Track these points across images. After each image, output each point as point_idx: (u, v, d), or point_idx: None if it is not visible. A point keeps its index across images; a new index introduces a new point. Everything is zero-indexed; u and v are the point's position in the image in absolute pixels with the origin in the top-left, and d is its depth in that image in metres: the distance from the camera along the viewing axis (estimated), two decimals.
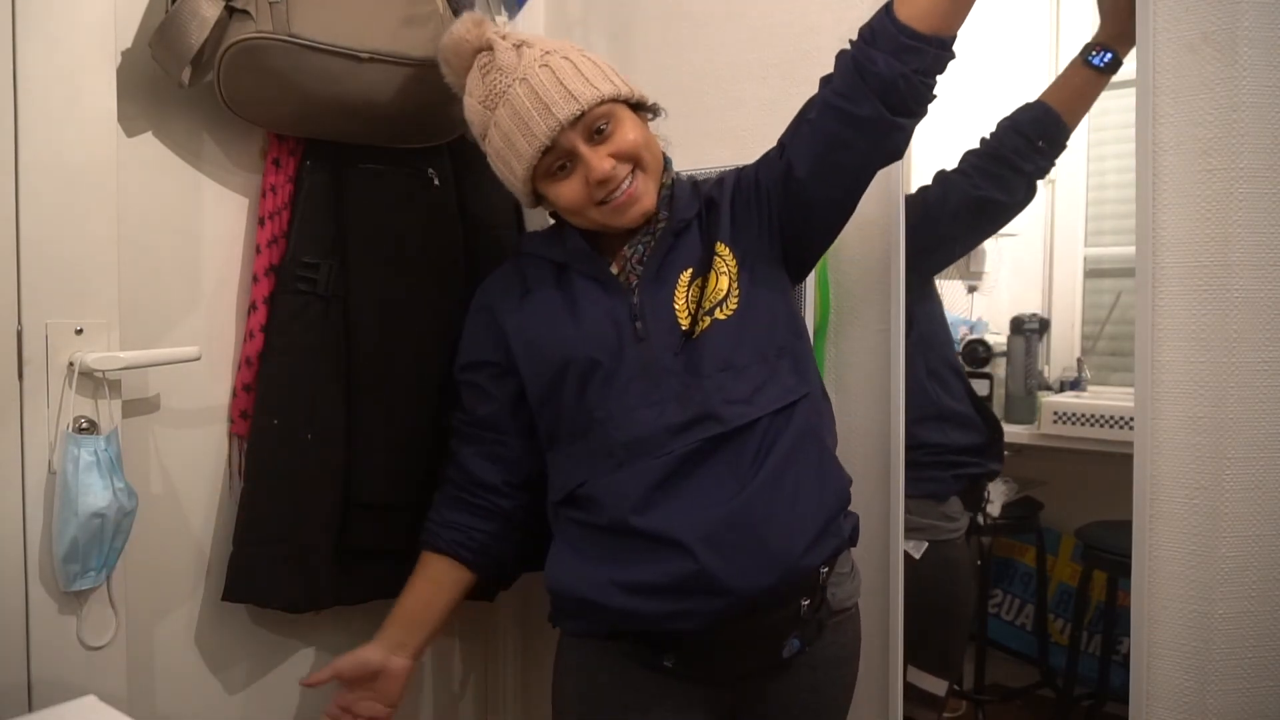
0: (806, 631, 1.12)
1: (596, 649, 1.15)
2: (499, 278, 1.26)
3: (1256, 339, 1.13)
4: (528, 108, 1.07)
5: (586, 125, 1.08)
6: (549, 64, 1.09)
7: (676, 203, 1.17)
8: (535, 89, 1.07)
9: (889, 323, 1.41)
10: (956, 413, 1.61)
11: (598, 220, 1.13)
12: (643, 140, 1.12)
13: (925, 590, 1.45)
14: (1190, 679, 1.18)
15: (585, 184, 1.09)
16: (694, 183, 1.22)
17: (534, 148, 1.08)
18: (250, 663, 1.40)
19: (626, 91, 1.12)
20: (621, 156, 1.09)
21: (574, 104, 1.06)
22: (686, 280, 1.13)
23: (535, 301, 1.18)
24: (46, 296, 1.06)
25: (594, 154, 1.08)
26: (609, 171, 1.08)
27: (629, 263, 1.15)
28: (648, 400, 1.08)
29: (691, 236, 1.16)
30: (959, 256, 1.72)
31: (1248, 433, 1.14)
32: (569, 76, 1.08)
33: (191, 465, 1.31)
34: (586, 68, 1.10)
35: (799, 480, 1.08)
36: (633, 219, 1.12)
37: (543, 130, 1.07)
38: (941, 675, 1.58)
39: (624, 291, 1.13)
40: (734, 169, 1.23)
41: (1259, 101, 1.11)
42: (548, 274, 1.18)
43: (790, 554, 1.05)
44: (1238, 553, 1.15)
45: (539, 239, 1.24)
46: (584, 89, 1.07)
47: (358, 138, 1.34)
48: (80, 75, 1.09)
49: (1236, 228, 1.13)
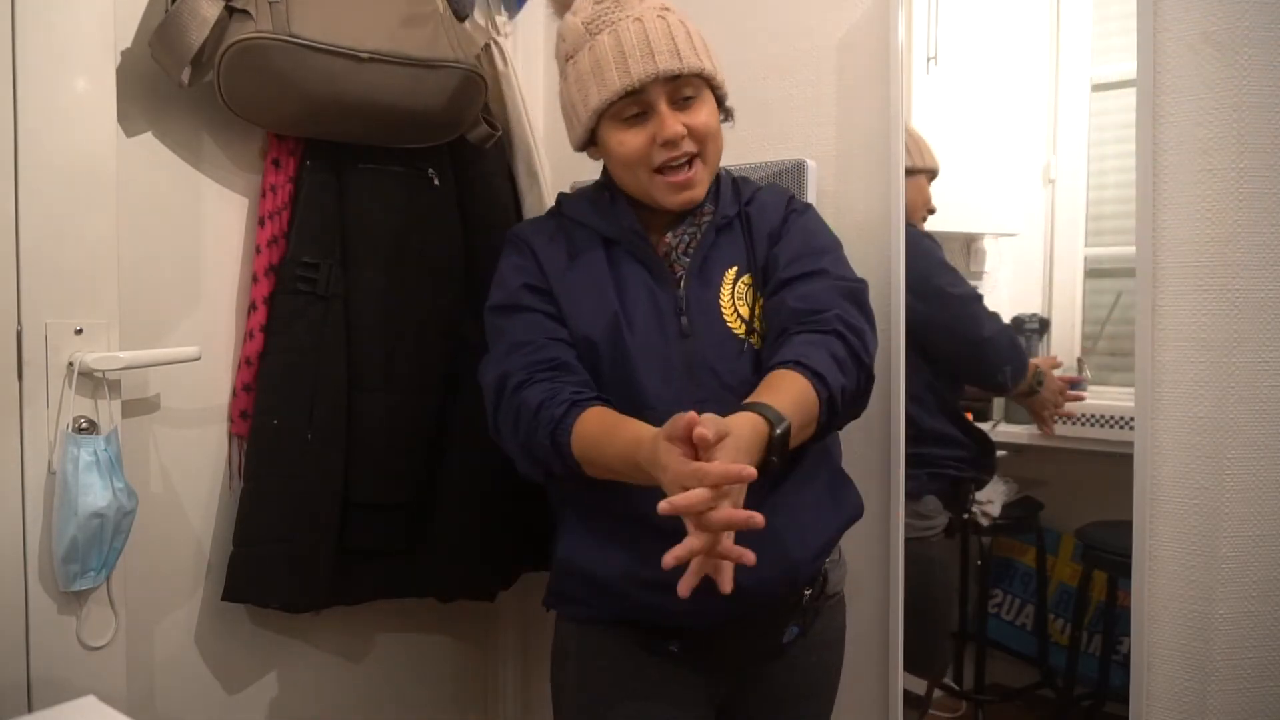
0: (805, 618, 1.15)
1: (596, 635, 1.15)
2: (539, 226, 1.21)
3: (1257, 339, 1.13)
4: (633, 45, 1.07)
5: (677, 88, 1.09)
6: (666, 18, 1.10)
7: (721, 199, 1.18)
8: (646, 32, 1.08)
9: (889, 322, 1.41)
10: (935, 432, 1.62)
11: (644, 186, 1.12)
12: (715, 128, 1.13)
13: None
14: (1190, 679, 1.18)
15: (650, 141, 1.09)
16: (733, 180, 1.22)
17: (623, 84, 1.07)
18: (250, 663, 1.40)
19: (720, 79, 1.14)
20: (694, 133, 1.10)
21: (677, 61, 1.07)
22: (731, 278, 1.14)
23: (582, 271, 1.15)
24: (46, 296, 1.06)
25: (672, 115, 1.08)
26: (680, 132, 1.08)
27: (674, 251, 1.15)
28: (693, 397, 1.07)
29: (734, 235, 1.17)
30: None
31: (1248, 433, 1.14)
32: (681, 37, 1.09)
33: (191, 465, 1.31)
34: (697, 39, 1.11)
35: (815, 493, 1.11)
36: (679, 203, 1.12)
37: (639, 71, 1.06)
38: (921, 674, 1.58)
39: (670, 282, 1.13)
40: (783, 196, 1.21)
41: (1260, 101, 1.11)
42: (596, 245, 1.16)
43: (804, 560, 1.09)
44: (1238, 553, 1.15)
45: (585, 205, 1.20)
46: (690, 54, 1.09)
47: (358, 138, 1.34)
48: (80, 75, 1.09)
49: (1237, 227, 1.13)
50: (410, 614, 1.60)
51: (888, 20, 1.40)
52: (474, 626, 1.75)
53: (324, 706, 1.50)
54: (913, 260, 1.43)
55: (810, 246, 1.15)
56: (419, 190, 1.42)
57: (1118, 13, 1.60)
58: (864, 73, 1.44)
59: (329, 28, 1.22)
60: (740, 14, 1.55)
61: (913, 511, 1.55)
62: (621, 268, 1.14)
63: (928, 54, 1.55)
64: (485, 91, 1.40)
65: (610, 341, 1.09)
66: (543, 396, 1.05)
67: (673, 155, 1.09)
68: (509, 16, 1.67)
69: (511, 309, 1.13)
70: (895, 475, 1.42)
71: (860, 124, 1.44)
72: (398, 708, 1.62)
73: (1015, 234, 1.76)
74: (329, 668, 1.51)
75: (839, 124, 1.47)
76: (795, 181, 1.45)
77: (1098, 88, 1.67)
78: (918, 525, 1.57)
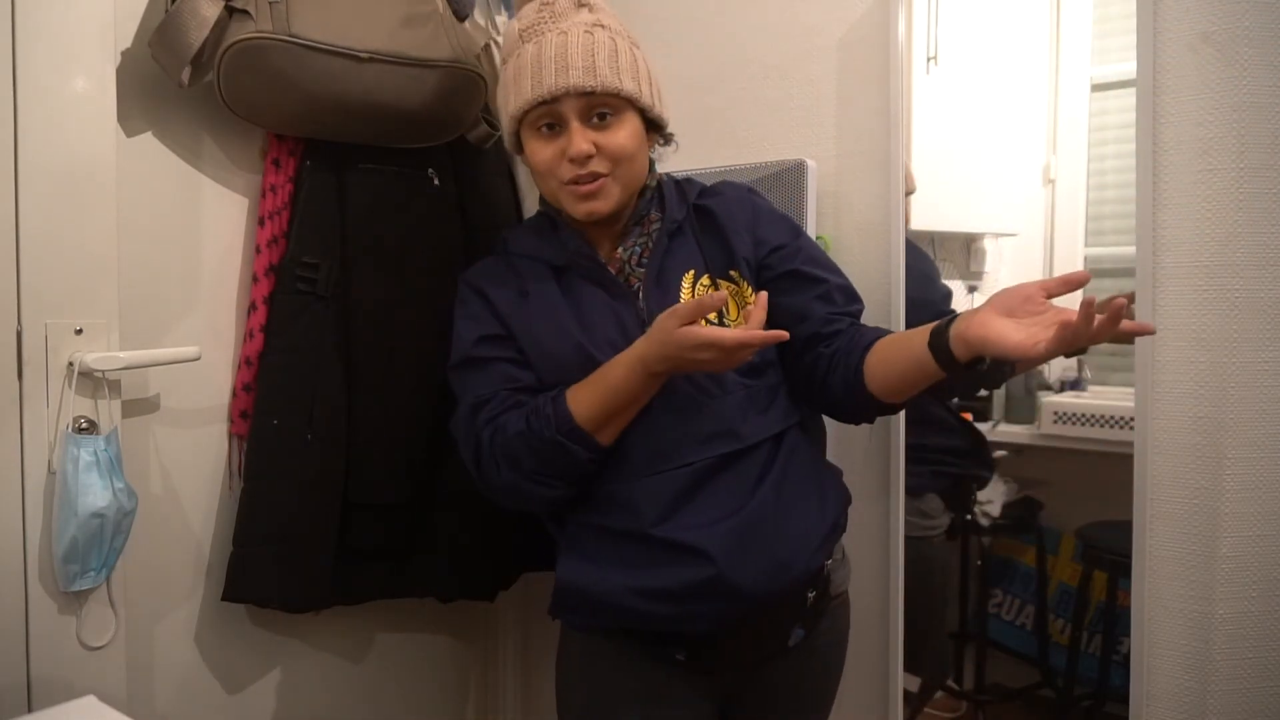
0: (809, 620, 1.15)
1: (600, 642, 1.16)
2: (488, 269, 1.20)
3: (1257, 339, 1.13)
4: (550, 58, 1.07)
5: (590, 104, 1.08)
6: (594, 33, 1.08)
7: (668, 203, 1.17)
8: (565, 46, 1.07)
9: (890, 322, 1.41)
10: (937, 417, 1.62)
11: (555, 196, 1.12)
12: (631, 150, 1.10)
13: None
14: (1190, 679, 1.18)
15: (560, 155, 1.09)
16: (676, 183, 1.22)
17: (533, 96, 1.07)
18: (250, 663, 1.40)
19: (647, 102, 1.11)
20: (605, 152, 1.08)
21: (590, 79, 1.06)
22: (690, 282, 1.13)
23: (536, 304, 1.15)
24: (46, 296, 1.06)
25: (581, 132, 1.08)
26: (586, 151, 1.07)
27: (626, 264, 1.14)
28: (668, 407, 1.08)
29: (686, 239, 1.16)
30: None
31: (1248, 433, 1.14)
32: (603, 54, 1.07)
33: (191, 465, 1.31)
34: (624, 58, 1.09)
35: (803, 491, 1.11)
36: (583, 213, 1.11)
37: (548, 85, 1.06)
38: (915, 671, 1.58)
39: (629, 296, 1.13)
40: (741, 186, 1.23)
41: (1260, 101, 1.11)
42: (545, 275, 1.16)
43: (799, 560, 1.08)
44: (1238, 553, 1.15)
45: (530, 238, 1.20)
46: (608, 72, 1.07)
47: (358, 138, 1.34)
48: (80, 75, 1.09)
49: (1237, 227, 1.13)
50: (410, 614, 1.60)
51: (888, 20, 1.40)
52: (474, 626, 1.75)
53: (324, 706, 1.50)
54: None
55: (816, 259, 1.18)
56: (419, 190, 1.42)
57: (1118, 13, 1.61)
58: (864, 73, 1.44)
59: (329, 28, 1.22)
60: (740, 14, 1.55)
61: (915, 510, 1.55)
62: (577, 293, 1.13)
63: (928, 54, 1.55)
64: (485, 91, 1.40)
65: (582, 370, 1.09)
66: (524, 416, 1.07)
67: (579, 173, 1.08)
68: (509, 16, 1.67)
69: (470, 364, 1.14)
70: (896, 474, 1.42)
71: (860, 124, 1.44)
72: (398, 708, 1.62)
73: (1015, 234, 1.76)
74: (329, 668, 1.51)
75: (839, 124, 1.47)
76: (795, 181, 1.45)
77: (1098, 88, 1.68)
78: (921, 524, 1.58)
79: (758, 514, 1.06)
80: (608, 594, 1.08)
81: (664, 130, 1.17)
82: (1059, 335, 0.85)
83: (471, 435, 1.10)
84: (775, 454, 1.10)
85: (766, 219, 1.19)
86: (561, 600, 1.14)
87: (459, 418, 1.13)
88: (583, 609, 1.13)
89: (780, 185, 1.45)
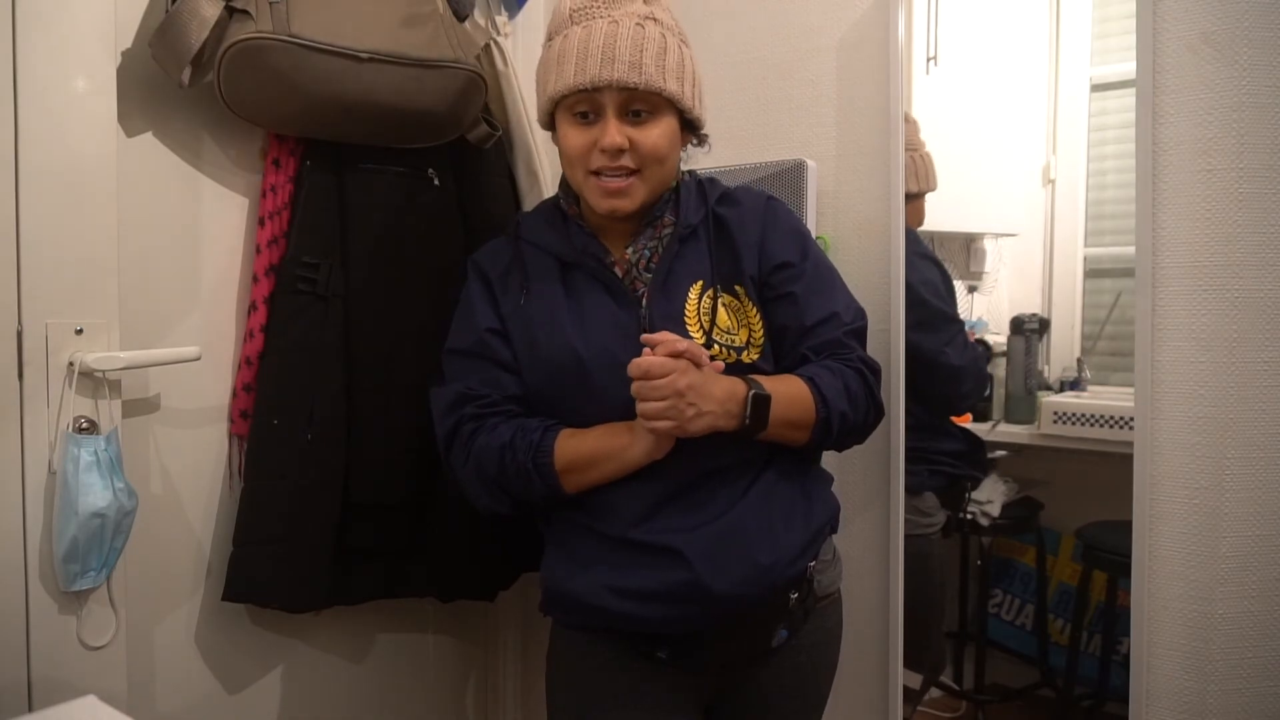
0: (794, 621, 1.14)
1: (585, 640, 1.16)
2: (497, 255, 1.20)
3: (1257, 339, 1.13)
4: (596, 46, 1.05)
5: (630, 99, 1.07)
6: (645, 27, 1.07)
7: (683, 207, 1.15)
8: (614, 37, 1.05)
9: (889, 322, 1.41)
10: (936, 424, 1.62)
11: (580, 184, 1.12)
12: (664, 152, 1.10)
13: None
14: (1190, 679, 1.18)
15: (592, 144, 1.08)
16: (699, 182, 1.20)
17: (575, 82, 1.06)
18: (250, 663, 1.40)
19: (688, 104, 1.11)
20: (637, 149, 1.08)
21: (635, 75, 1.05)
22: (696, 294, 1.12)
23: (538, 297, 1.14)
24: (46, 296, 1.06)
25: (617, 125, 1.07)
26: (620, 144, 1.06)
27: (634, 268, 1.13)
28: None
29: (698, 246, 1.15)
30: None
31: (1248, 433, 1.14)
32: (651, 51, 1.06)
33: (191, 465, 1.30)
34: (672, 56, 1.08)
35: (789, 499, 1.11)
36: (605, 209, 1.10)
37: (593, 74, 1.05)
38: (915, 669, 1.59)
39: (632, 302, 1.12)
40: (760, 195, 1.21)
41: (1260, 101, 1.12)
42: (551, 268, 1.15)
43: (777, 567, 1.07)
44: (1238, 553, 1.15)
45: (541, 227, 1.19)
46: (654, 71, 1.06)
47: (358, 138, 1.34)
48: (80, 75, 1.09)
49: (1237, 227, 1.13)
50: (410, 614, 1.60)
51: (888, 20, 1.40)
52: (474, 626, 1.75)
53: (324, 706, 1.50)
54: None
55: (820, 278, 1.16)
56: (419, 190, 1.42)
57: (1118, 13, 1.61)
58: (864, 73, 1.44)
59: (329, 28, 1.22)
60: (740, 14, 1.55)
61: (913, 508, 1.55)
62: (581, 292, 1.13)
63: (928, 54, 1.55)
64: (485, 91, 1.40)
65: (575, 375, 1.09)
66: (513, 430, 1.09)
67: (609, 166, 1.08)
68: (509, 16, 1.67)
69: (466, 354, 1.16)
70: (895, 473, 1.42)
71: (860, 124, 1.44)
72: (398, 708, 1.62)
73: (1015, 234, 1.76)
74: (329, 668, 1.51)
75: (839, 124, 1.47)
76: (795, 181, 1.45)
77: (1098, 88, 1.68)
78: (919, 522, 1.58)
79: (739, 520, 1.06)
80: (587, 592, 1.08)
81: (699, 130, 1.17)
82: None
83: (451, 420, 1.13)
84: (764, 464, 1.10)
85: (778, 234, 1.17)
86: (547, 596, 1.15)
87: (442, 397, 1.15)
88: (565, 606, 1.13)
89: (780, 185, 1.45)
